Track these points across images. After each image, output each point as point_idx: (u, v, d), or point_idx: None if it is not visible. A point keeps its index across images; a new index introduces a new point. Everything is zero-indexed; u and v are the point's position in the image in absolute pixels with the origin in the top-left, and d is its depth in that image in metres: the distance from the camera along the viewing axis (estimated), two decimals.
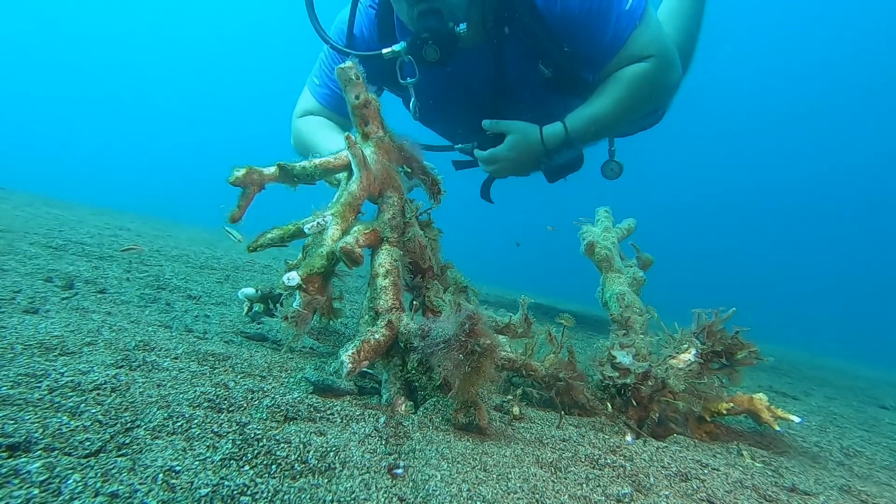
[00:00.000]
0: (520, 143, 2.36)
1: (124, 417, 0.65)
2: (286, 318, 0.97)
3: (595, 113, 2.33)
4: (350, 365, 0.87)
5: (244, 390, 0.81)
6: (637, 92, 2.34)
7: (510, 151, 2.37)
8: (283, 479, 0.60)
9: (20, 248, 1.68)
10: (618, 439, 0.95)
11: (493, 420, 0.93)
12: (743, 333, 1.13)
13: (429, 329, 0.83)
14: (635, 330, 1.33)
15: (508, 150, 2.38)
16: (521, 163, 2.43)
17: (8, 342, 0.83)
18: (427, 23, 2.02)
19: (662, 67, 2.33)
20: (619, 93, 2.30)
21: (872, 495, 0.91)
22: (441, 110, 2.59)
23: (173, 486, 0.54)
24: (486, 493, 0.64)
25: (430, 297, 1.13)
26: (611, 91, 2.31)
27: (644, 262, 1.63)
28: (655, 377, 1.05)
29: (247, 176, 1.06)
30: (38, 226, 2.44)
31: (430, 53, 2.07)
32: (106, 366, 0.81)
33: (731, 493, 0.79)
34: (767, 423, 1.11)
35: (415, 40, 2.05)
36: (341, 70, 1.15)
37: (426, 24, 2.03)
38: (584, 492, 0.70)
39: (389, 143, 1.20)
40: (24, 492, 0.49)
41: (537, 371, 1.05)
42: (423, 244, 1.14)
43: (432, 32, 2.03)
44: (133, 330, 1.04)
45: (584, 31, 2.17)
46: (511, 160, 2.40)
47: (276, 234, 1.09)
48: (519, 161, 2.41)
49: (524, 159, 2.41)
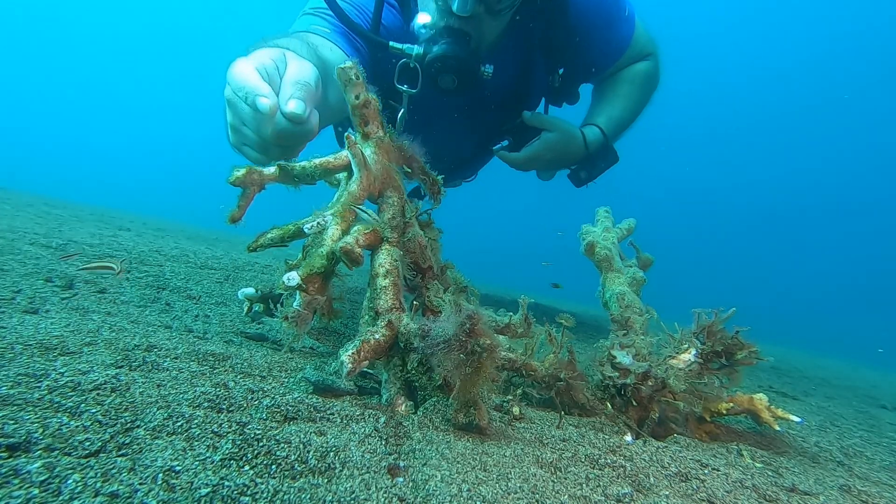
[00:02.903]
0: (561, 143, 2.18)
1: (124, 417, 0.65)
2: (286, 318, 0.97)
3: (622, 115, 2.30)
4: (350, 365, 0.87)
5: (244, 390, 0.81)
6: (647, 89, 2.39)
7: (549, 151, 2.17)
8: (283, 479, 0.60)
9: (20, 248, 1.68)
10: (618, 439, 0.95)
11: (493, 420, 0.93)
12: (743, 333, 1.13)
13: (429, 329, 0.83)
14: (635, 330, 1.33)
15: (548, 150, 2.16)
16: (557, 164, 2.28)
17: (8, 342, 0.83)
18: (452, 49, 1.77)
19: (658, 65, 2.38)
20: (634, 92, 2.32)
21: (872, 495, 0.91)
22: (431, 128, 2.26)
23: (173, 486, 0.54)
24: (486, 493, 0.64)
25: (430, 297, 1.13)
26: (626, 91, 2.32)
27: (644, 262, 1.64)
28: (655, 377, 1.05)
29: (247, 176, 1.06)
30: (38, 226, 2.44)
31: (446, 81, 1.84)
32: (106, 366, 0.81)
33: (731, 493, 0.79)
34: (767, 423, 1.11)
35: (433, 60, 1.79)
36: (341, 70, 1.15)
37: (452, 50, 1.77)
38: (584, 492, 0.70)
39: (389, 143, 1.20)
40: (24, 492, 0.49)
41: (537, 371, 1.06)
42: (424, 244, 1.14)
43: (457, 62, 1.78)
44: (133, 330, 1.04)
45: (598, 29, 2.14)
46: (549, 161, 2.22)
47: (276, 234, 1.09)
48: (553, 162, 2.26)
49: (560, 161, 2.26)
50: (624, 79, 2.33)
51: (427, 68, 1.83)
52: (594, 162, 2.26)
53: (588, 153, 2.23)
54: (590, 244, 1.59)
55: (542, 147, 2.16)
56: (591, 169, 2.27)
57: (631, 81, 2.32)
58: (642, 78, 2.34)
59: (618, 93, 2.33)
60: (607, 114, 2.30)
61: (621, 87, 2.33)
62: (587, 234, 1.62)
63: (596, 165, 2.26)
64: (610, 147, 2.28)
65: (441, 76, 1.83)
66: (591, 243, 1.58)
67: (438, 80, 1.85)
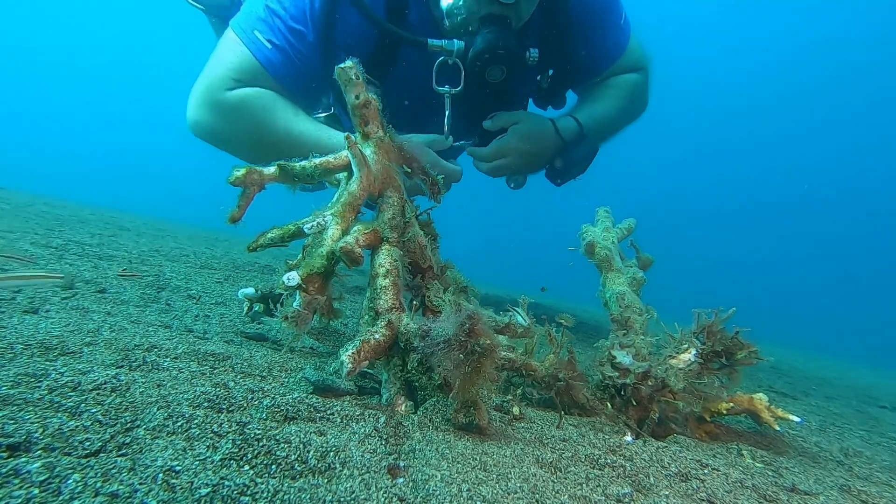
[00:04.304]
0: (534, 132, 2.03)
1: (124, 417, 0.65)
2: (286, 318, 0.97)
3: (604, 112, 2.21)
4: (350, 365, 0.87)
5: (244, 390, 0.81)
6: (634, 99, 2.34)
7: (521, 142, 2.02)
8: (283, 479, 0.60)
9: (20, 248, 1.68)
10: (618, 439, 0.95)
11: (493, 420, 0.93)
12: (743, 333, 1.13)
13: (429, 329, 0.83)
14: (635, 330, 1.33)
15: (519, 141, 2.01)
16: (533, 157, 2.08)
17: (8, 342, 0.83)
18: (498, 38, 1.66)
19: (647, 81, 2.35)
20: (620, 98, 2.28)
21: (872, 495, 0.91)
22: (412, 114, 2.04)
23: (173, 486, 0.53)
24: (486, 493, 0.64)
25: (430, 297, 1.13)
26: (612, 95, 2.28)
27: (644, 262, 1.63)
28: (655, 377, 1.05)
29: (247, 176, 1.06)
30: (38, 226, 2.44)
31: (494, 74, 1.74)
32: (106, 366, 0.81)
33: (731, 493, 0.79)
34: (767, 423, 1.11)
35: (480, 53, 1.69)
36: (341, 70, 1.14)
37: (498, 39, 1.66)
38: (584, 492, 0.70)
39: (389, 143, 1.20)
40: (24, 492, 0.49)
41: (537, 371, 1.06)
42: (423, 244, 1.14)
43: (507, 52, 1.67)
44: (133, 330, 1.04)
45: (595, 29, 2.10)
46: (522, 153, 2.04)
47: (276, 234, 1.09)
48: (530, 155, 2.06)
49: (537, 153, 2.07)
50: (611, 84, 2.28)
51: (472, 63, 1.72)
52: (569, 150, 2.08)
53: (564, 143, 2.07)
54: (590, 244, 1.59)
55: (512, 138, 2.01)
56: (566, 158, 2.09)
57: (618, 87, 2.27)
58: (630, 86, 2.29)
59: (603, 94, 2.27)
60: (588, 110, 2.19)
61: (607, 91, 2.28)
62: (587, 234, 1.62)
63: (571, 154, 2.07)
64: (587, 138, 2.11)
65: (490, 69, 1.73)
66: (591, 243, 1.58)
67: (486, 74, 1.74)
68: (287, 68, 1.81)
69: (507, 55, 1.70)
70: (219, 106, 1.83)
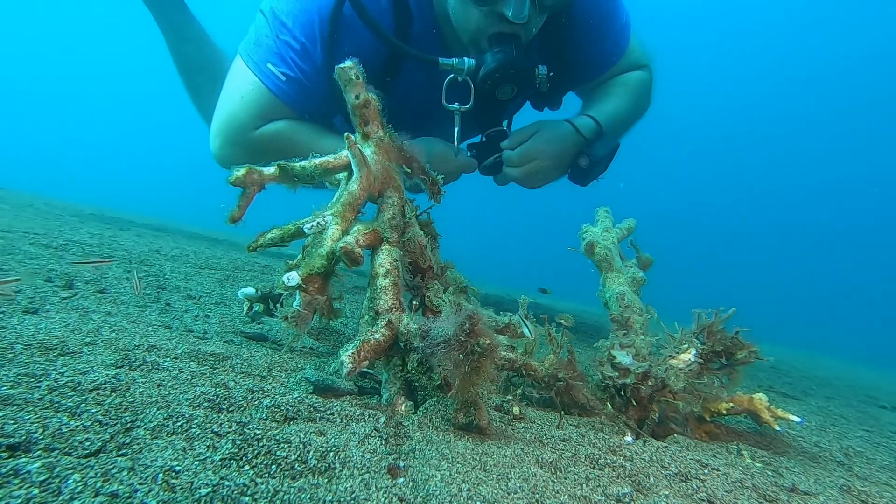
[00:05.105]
0: (556, 135, 2.05)
1: (124, 417, 0.65)
2: (286, 318, 0.97)
3: (615, 109, 2.20)
4: (350, 365, 0.87)
5: (244, 390, 0.81)
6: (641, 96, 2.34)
7: (547, 144, 2.02)
8: (283, 479, 0.60)
9: (20, 248, 1.68)
10: (618, 439, 0.95)
11: (493, 420, 0.93)
12: (743, 333, 1.13)
13: (429, 329, 0.83)
14: (635, 330, 1.33)
15: (546, 143, 2.02)
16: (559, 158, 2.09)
17: (8, 342, 0.83)
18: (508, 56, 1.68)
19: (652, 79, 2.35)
20: (628, 95, 2.28)
21: (872, 495, 0.91)
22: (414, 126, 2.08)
23: (173, 486, 0.54)
24: (486, 493, 0.64)
25: (430, 297, 1.13)
26: (620, 93, 2.27)
27: (644, 262, 1.63)
28: (655, 377, 1.05)
29: (247, 176, 1.06)
30: (38, 226, 2.44)
31: (505, 92, 1.76)
32: (106, 366, 0.81)
33: (731, 493, 0.79)
34: (767, 423, 1.11)
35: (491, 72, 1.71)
36: (341, 70, 1.14)
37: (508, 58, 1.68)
38: (584, 492, 0.70)
39: (389, 143, 1.20)
40: (24, 492, 0.49)
41: (537, 371, 1.06)
42: (423, 244, 1.14)
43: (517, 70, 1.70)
44: (133, 330, 1.04)
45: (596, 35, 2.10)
46: (550, 155, 2.05)
47: (276, 234, 1.09)
48: (557, 156, 2.07)
49: (562, 152, 2.08)
50: (617, 83, 2.28)
51: (483, 81, 1.74)
52: (592, 148, 2.08)
53: (586, 141, 2.08)
54: (590, 244, 1.58)
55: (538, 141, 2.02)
56: (590, 155, 2.08)
57: (625, 85, 2.27)
58: (637, 84, 2.29)
59: (611, 93, 2.26)
60: (598, 108, 2.19)
61: (615, 89, 2.27)
62: (587, 234, 1.62)
63: (594, 151, 2.07)
64: (606, 134, 2.11)
65: (501, 87, 1.75)
66: (590, 243, 1.58)
67: (497, 92, 1.76)
68: (302, 96, 1.90)
69: (517, 74, 1.72)
70: (246, 144, 1.97)
